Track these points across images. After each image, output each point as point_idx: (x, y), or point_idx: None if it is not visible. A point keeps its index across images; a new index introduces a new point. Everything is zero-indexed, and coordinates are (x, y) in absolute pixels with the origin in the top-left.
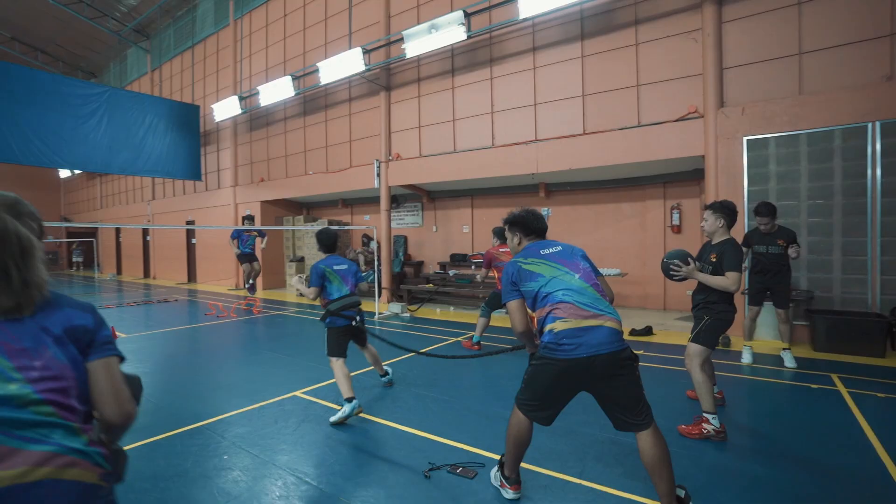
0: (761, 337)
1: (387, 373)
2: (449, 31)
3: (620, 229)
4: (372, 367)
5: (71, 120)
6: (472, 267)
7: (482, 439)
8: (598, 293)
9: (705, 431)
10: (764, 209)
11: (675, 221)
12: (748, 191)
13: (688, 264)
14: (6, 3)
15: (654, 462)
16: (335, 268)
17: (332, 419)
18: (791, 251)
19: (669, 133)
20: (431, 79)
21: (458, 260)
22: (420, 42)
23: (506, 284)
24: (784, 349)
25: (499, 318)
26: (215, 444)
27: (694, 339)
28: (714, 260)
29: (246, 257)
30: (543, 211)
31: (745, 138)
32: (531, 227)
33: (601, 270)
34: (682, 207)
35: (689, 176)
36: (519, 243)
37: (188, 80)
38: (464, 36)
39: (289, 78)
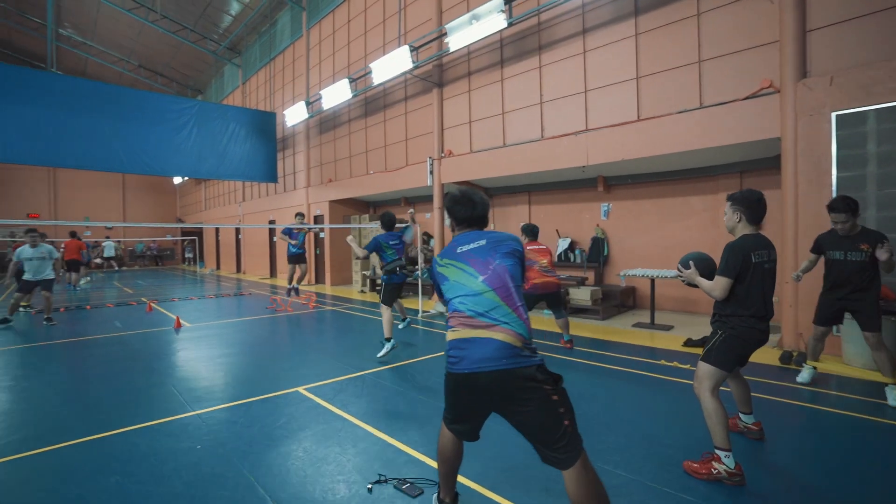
0: (856, 363)
1: (405, 318)
2: (490, 20)
3: (689, 226)
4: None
5: (167, 132)
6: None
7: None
8: (499, 298)
9: (715, 472)
10: (839, 204)
11: None
12: (837, 177)
13: (688, 268)
14: (133, 37)
15: None
16: (390, 242)
17: (379, 355)
18: (880, 252)
19: (737, 114)
20: (481, 72)
21: None
22: (462, 34)
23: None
24: (890, 384)
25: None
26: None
27: (703, 358)
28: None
29: (295, 258)
30: (603, 207)
31: (834, 114)
32: (458, 215)
33: (663, 272)
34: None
35: (771, 163)
36: (453, 234)
37: (270, 90)
38: (504, 24)
39: (346, 80)
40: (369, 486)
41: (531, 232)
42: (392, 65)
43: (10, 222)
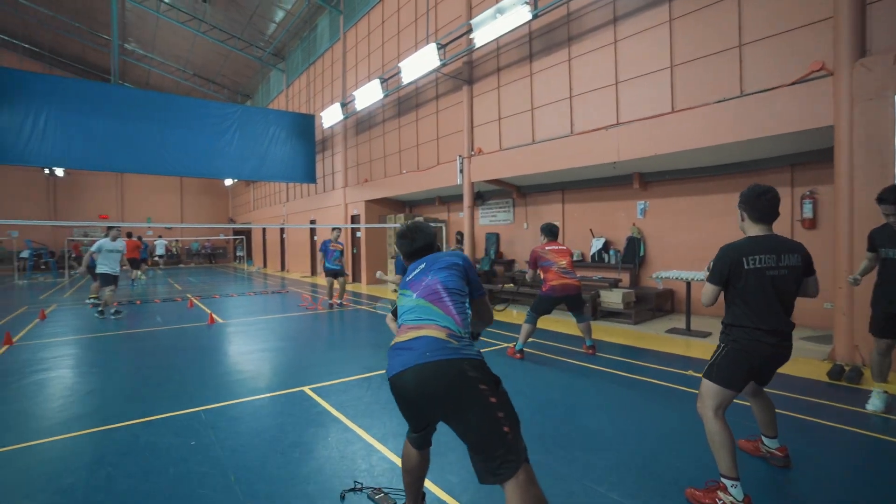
0: None
1: None
2: (514, 13)
3: (731, 224)
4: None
5: (211, 136)
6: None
7: (445, 466)
8: (430, 303)
9: (720, 503)
10: (889, 195)
11: (807, 214)
12: None
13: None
14: (188, 48)
15: None
16: None
17: None
18: None
19: (783, 101)
20: (510, 67)
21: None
22: (487, 29)
23: None
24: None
25: (548, 322)
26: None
27: (705, 374)
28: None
29: (332, 272)
30: (639, 205)
31: None
32: (402, 250)
33: (698, 274)
34: (819, 196)
35: (827, 155)
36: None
37: (311, 93)
38: (529, 16)
39: (377, 81)
40: (343, 493)
41: (550, 232)
42: (420, 63)
43: (83, 224)
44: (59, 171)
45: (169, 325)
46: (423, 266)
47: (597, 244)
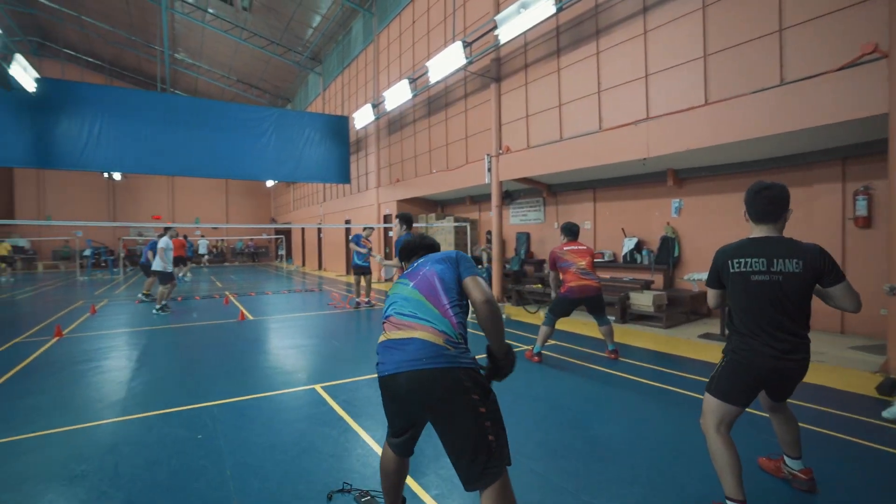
0: None
1: None
2: (538, 7)
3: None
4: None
5: (249, 139)
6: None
7: (437, 472)
8: (424, 298)
9: None
10: None
11: (861, 211)
12: None
13: None
14: (231, 55)
15: None
16: None
17: None
18: None
19: (829, 88)
20: (537, 63)
21: None
22: (512, 24)
23: None
24: None
25: (567, 323)
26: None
27: (707, 387)
28: None
29: (360, 269)
30: (674, 203)
31: None
32: (409, 246)
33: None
34: (874, 192)
35: (883, 146)
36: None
37: (346, 95)
38: (553, 9)
39: (406, 81)
40: (330, 493)
41: (570, 231)
42: (446, 62)
43: (137, 224)
44: (117, 175)
45: (202, 322)
46: (422, 261)
47: (629, 244)
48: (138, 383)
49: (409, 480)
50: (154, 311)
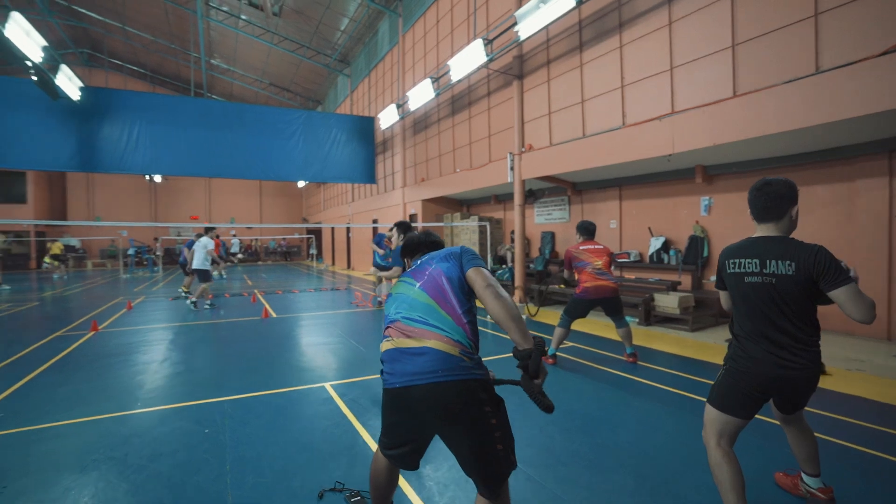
0: None
1: None
2: (558, 1)
3: (813, 221)
4: None
5: (278, 141)
6: (612, 267)
7: (426, 473)
8: (434, 302)
9: None
10: None
11: None
12: None
13: None
14: (263, 59)
15: None
16: None
17: None
18: None
19: (870, 76)
20: (559, 59)
21: None
22: (532, 20)
23: None
24: None
25: (587, 325)
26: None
27: (707, 398)
28: None
29: (381, 267)
30: (703, 201)
31: None
32: (414, 241)
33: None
34: None
35: None
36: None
37: (372, 96)
38: (573, 2)
39: (428, 81)
40: (321, 492)
41: (586, 230)
42: (467, 60)
43: (176, 224)
44: (158, 178)
45: (228, 319)
46: (426, 258)
47: (655, 244)
48: (158, 377)
49: (399, 480)
50: (191, 307)
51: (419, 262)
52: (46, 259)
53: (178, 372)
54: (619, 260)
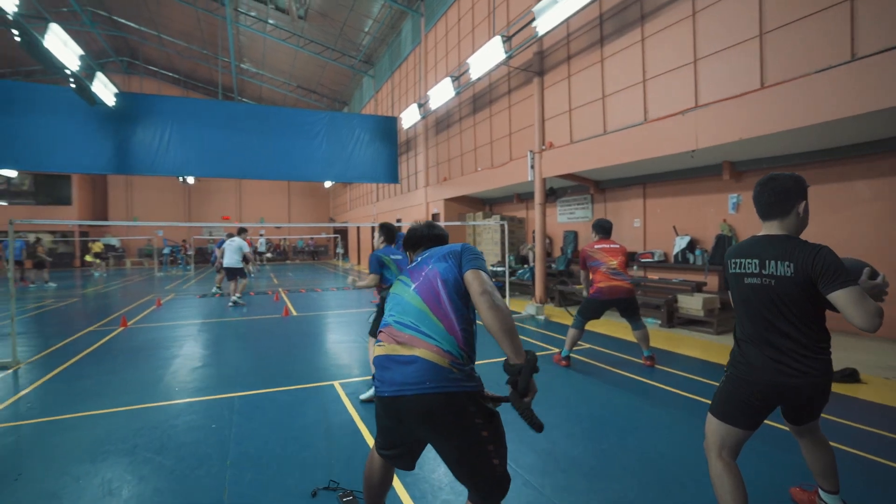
0: None
1: None
2: None
3: (852, 218)
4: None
5: (302, 142)
6: (635, 268)
7: (418, 474)
8: (427, 307)
9: None
10: None
11: None
12: None
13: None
14: (290, 62)
15: None
16: (392, 256)
17: (362, 397)
18: None
19: None
20: (580, 54)
21: None
22: (549, 15)
23: None
24: None
25: (605, 326)
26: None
27: (710, 407)
28: None
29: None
30: (731, 199)
31: None
32: (416, 234)
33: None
34: None
35: None
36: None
37: (396, 96)
38: None
39: (448, 79)
40: (315, 490)
41: (602, 228)
42: (486, 58)
43: (208, 224)
44: (191, 179)
45: (251, 316)
46: (426, 255)
47: (680, 243)
48: (174, 373)
49: (394, 480)
50: (231, 301)
51: (419, 259)
52: (88, 257)
53: (193, 368)
54: (643, 260)
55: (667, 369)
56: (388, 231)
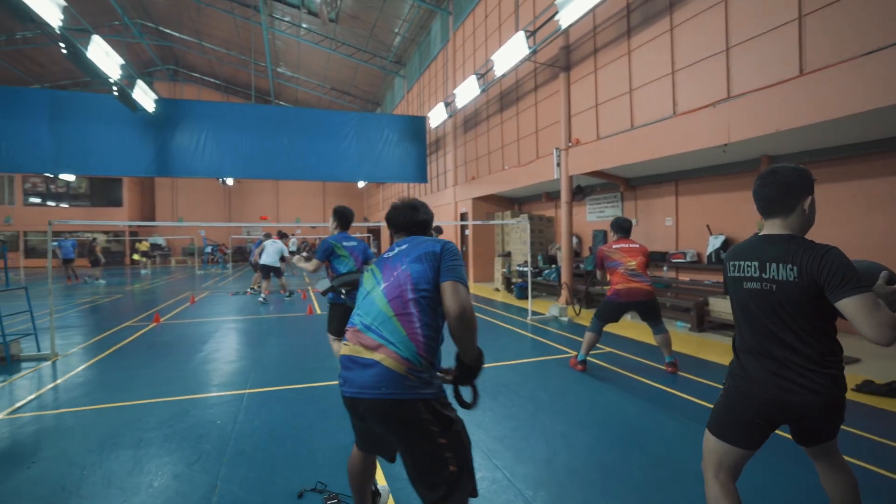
0: None
1: None
2: None
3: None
4: None
5: (333, 143)
6: (665, 269)
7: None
8: (391, 311)
9: None
10: None
11: None
12: None
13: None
14: (324, 65)
15: None
16: (344, 244)
17: None
18: None
19: None
20: (606, 47)
21: (657, 259)
22: (574, 6)
23: None
24: None
25: (627, 328)
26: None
27: (707, 424)
28: None
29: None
30: None
31: None
32: (403, 218)
33: None
34: None
35: None
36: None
37: (426, 96)
38: None
39: (474, 77)
40: (301, 491)
41: (621, 227)
42: (510, 54)
43: (246, 224)
44: (230, 181)
45: (276, 314)
46: (404, 247)
47: (714, 243)
48: (192, 369)
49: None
50: (286, 299)
51: (395, 249)
52: (135, 255)
53: (210, 364)
54: (674, 260)
55: (690, 377)
56: (342, 216)
